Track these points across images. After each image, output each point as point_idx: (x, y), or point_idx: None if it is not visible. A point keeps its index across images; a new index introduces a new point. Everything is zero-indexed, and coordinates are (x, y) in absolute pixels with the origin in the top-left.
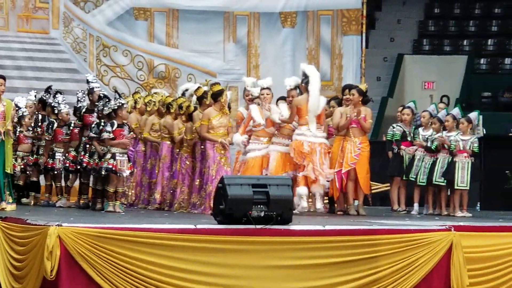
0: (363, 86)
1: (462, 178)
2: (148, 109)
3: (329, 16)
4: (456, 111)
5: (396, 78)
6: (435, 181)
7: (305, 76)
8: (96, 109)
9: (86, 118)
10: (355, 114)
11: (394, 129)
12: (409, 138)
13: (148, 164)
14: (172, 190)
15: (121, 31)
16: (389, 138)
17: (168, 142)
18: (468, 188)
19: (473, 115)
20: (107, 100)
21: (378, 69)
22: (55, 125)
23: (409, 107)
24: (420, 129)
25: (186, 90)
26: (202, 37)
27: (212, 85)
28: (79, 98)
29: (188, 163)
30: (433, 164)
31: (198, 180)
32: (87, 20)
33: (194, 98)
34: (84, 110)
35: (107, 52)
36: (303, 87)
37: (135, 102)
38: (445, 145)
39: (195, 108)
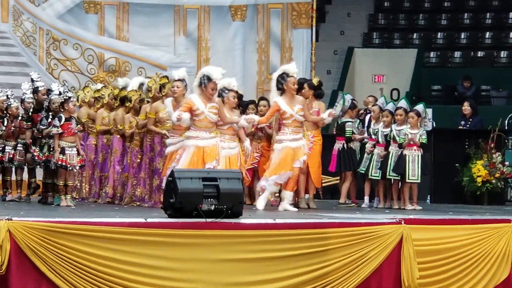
0: (315, 80)
1: (413, 171)
2: (97, 104)
3: (279, 9)
4: (403, 103)
5: (346, 72)
6: (389, 175)
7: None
8: (44, 105)
9: (35, 118)
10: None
11: (351, 125)
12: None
13: (100, 158)
14: (123, 183)
15: (71, 24)
16: (348, 135)
17: (119, 136)
18: (419, 181)
19: (420, 107)
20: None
21: (328, 63)
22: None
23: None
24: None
25: (142, 84)
26: (153, 30)
27: (160, 78)
28: (24, 91)
29: (139, 156)
30: (386, 158)
31: (143, 173)
32: (37, 14)
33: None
34: (31, 110)
35: (57, 45)
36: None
37: (85, 96)
38: (396, 139)
39: (147, 102)
